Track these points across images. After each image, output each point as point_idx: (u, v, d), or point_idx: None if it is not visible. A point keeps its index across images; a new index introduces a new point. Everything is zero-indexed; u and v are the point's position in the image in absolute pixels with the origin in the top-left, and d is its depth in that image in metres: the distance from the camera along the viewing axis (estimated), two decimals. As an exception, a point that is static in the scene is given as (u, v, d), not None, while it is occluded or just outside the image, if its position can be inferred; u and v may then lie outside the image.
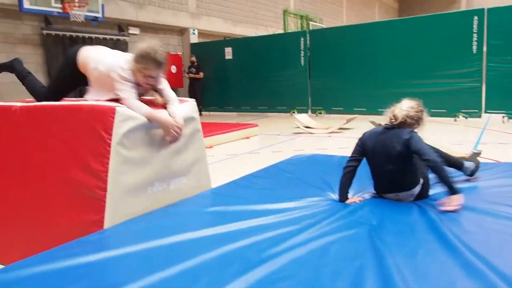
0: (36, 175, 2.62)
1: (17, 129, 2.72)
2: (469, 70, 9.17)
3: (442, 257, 1.82)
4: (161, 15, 11.97)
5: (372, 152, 2.76)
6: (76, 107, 2.51)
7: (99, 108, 2.42)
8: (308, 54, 11.61)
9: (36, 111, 2.68)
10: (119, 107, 2.42)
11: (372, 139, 2.79)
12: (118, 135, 2.39)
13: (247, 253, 1.94)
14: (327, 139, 7.52)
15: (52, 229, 2.51)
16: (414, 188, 2.71)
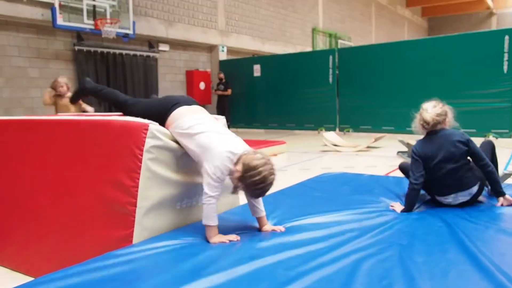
0: (67, 189, 2.67)
1: (50, 143, 2.79)
2: (499, 90, 9.00)
3: (474, 278, 1.79)
4: (190, 32, 12.19)
5: (433, 158, 2.91)
6: (109, 123, 2.56)
7: (131, 124, 2.47)
8: (337, 72, 11.60)
9: (69, 125, 2.75)
10: (151, 124, 2.47)
11: (428, 147, 2.95)
12: (150, 151, 2.43)
13: (276, 271, 1.94)
14: (354, 158, 7.46)
15: (82, 243, 2.55)
16: (472, 188, 2.91)
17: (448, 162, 2.89)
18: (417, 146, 3.01)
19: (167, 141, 2.55)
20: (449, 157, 2.89)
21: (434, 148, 2.93)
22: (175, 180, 2.63)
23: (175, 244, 2.29)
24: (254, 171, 2.28)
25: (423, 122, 2.99)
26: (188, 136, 2.50)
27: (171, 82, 12.22)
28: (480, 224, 2.57)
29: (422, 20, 31.26)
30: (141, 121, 2.47)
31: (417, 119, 3.05)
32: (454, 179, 2.91)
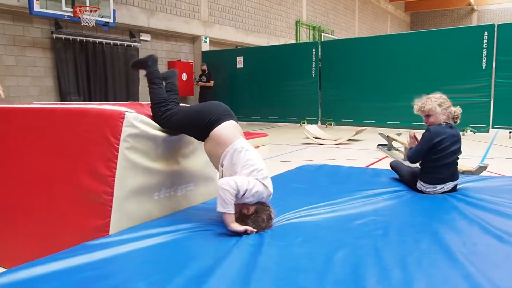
0: (43, 178, 2.63)
1: (25, 132, 2.73)
2: (478, 85, 9.14)
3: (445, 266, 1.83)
4: (172, 22, 12.06)
5: (450, 144, 3.13)
6: (85, 111, 2.52)
7: (107, 112, 2.43)
8: (319, 65, 11.62)
9: (44, 113, 2.70)
10: (128, 112, 2.43)
11: (449, 138, 3.15)
12: (126, 140, 2.41)
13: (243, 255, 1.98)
14: (336, 150, 7.50)
15: (59, 233, 2.52)
16: (456, 180, 3.21)
17: (456, 153, 3.17)
18: (438, 131, 3.16)
19: (145, 129, 2.52)
20: (456, 151, 3.18)
21: (451, 139, 3.15)
22: (154, 169, 2.61)
23: (152, 234, 2.28)
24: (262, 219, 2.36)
25: (455, 116, 3.26)
26: (246, 173, 2.38)
27: (153, 73, 12.09)
28: (456, 213, 2.62)
29: (405, 14, 31.50)
30: (118, 109, 2.43)
31: (442, 108, 3.20)
32: (449, 172, 3.16)
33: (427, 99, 3.27)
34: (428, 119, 3.25)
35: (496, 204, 2.76)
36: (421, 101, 3.30)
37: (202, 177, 3.10)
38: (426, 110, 3.24)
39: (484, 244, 2.11)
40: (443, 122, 3.21)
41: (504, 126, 9.01)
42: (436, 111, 3.20)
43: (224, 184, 2.26)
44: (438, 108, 3.19)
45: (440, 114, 3.20)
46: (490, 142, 8.07)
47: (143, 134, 2.51)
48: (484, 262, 1.89)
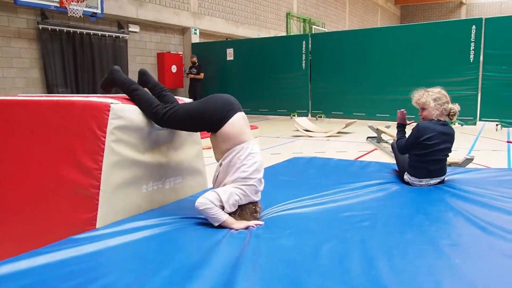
0: (29, 171, 2.60)
1: (10, 125, 2.69)
2: (466, 79, 9.21)
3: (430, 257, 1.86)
4: (161, 13, 11.96)
5: (440, 142, 3.12)
6: (70, 103, 2.48)
7: (93, 104, 2.40)
8: (310, 57, 11.62)
9: (30, 106, 2.65)
10: (113, 103, 2.41)
11: (438, 135, 3.13)
12: (113, 132, 2.38)
13: (230, 248, 1.99)
14: (326, 143, 7.53)
15: (45, 227, 2.50)
16: (444, 176, 3.24)
17: (445, 151, 3.17)
18: (427, 126, 3.14)
19: (131, 120, 2.49)
20: (445, 149, 3.18)
21: (442, 135, 3.14)
22: (141, 162, 2.59)
23: (140, 227, 2.27)
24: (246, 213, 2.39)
25: (451, 112, 3.21)
26: (241, 181, 2.35)
27: (142, 65, 12.00)
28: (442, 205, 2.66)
29: (395, 8, 31.56)
30: (103, 101, 2.41)
31: (436, 104, 3.16)
32: (438, 167, 3.18)
33: (424, 92, 3.24)
34: (423, 112, 3.25)
35: (481, 196, 2.80)
36: (418, 94, 3.28)
37: (190, 169, 3.09)
38: (420, 103, 3.23)
39: (468, 235, 2.13)
40: (435, 117, 3.18)
41: (491, 119, 9.10)
42: (430, 106, 3.17)
43: (200, 205, 2.26)
44: (432, 102, 3.16)
45: (433, 109, 3.17)
46: (477, 134, 8.15)
47: (129, 126, 2.48)
48: (468, 253, 1.91)
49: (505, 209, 2.50)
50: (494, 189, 2.98)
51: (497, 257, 1.86)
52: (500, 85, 8.91)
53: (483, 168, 4.15)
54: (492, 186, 3.08)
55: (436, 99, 3.17)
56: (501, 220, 2.33)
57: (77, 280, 1.70)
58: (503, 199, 2.72)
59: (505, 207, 2.54)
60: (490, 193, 2.88)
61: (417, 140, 3.14)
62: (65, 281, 1.69)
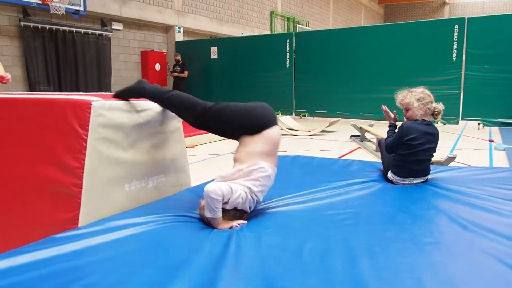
0: (11, 170, 2.57)
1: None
2: (448, 78, 9.34)
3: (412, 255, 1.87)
4: (145, 11, 11.88)
5: (423, 142, 3.12)
6: (50, 101, 2.46)
7: (74, 102, 2.37)
8: (294, 56, 11.65)
9: (11, 104, 2.62)
10: (95, 101, 2.38)
11: (421, 135, 3.12)
12: (95, 130, 2.36)
13: (214, 246, 2.00)
14: (309, 141, 7.56)
15: (27, 226, 2.47)
16: (427, 175, 3.24)
17: (429, 151, 3.16)
18: (410, 127, 3.15)
19: (113, 118, 2.47)
20: (432, 148, 3.18)
21: (425, 135, 3.14)
22: (124, 160, 2.57)
23: (123, 226, 2.25)
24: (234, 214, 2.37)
25: (435, 111, 3.20)
26: (249, 190, 2.36)
27: (125, 63, 11.92)
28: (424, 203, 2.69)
29: (378, 7, 31.81)
30: (84, 98, 2.38)
31: (420, 104, 3.17)
32: (421, 167, 3.18)
33: (408, 92, 3.26)
34: (407, 113, 3.26)
35: (463, 194, 2.83)
36: (402, 94, 3.29)
37: (174, 168, 3.07)
38: (404, 104, 3.24)
39: (450, 233, 2.16)
40: (419, 117, 3.20)
41: (473, 118, 9.24)
42: (414, 106, 3.18)
43: (212, 192, 2.21)
44: (416, 103, 3.17)
45: (417, 109, 3.18)
46: (459, 133, 8.27)
47: (112, 124, 2.46)
48: (450, 250, 1.94)
49: (486, 208, 2.53)
50: (476, 188, 3.02)
51: (478, 255, 1.89)
52: (482, 84, 9.06)
53: (465, 167, 4.21)
54: (474, 185, 3.13)
55: (419, 99, 3.18)
56: (482, 218, 2.36)
57: (58, 280, 1.68)
58: (484, 197, 2.76)
59: (486, 206, 2.57)
60: (472, 191, 2.92)
61: (401, 140, 3.16)
62: (46, 281, 1.67)
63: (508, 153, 5.66)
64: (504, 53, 8.80)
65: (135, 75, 12.17)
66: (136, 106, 2.67)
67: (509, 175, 3.47)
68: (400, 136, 3.17)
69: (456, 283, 1.62)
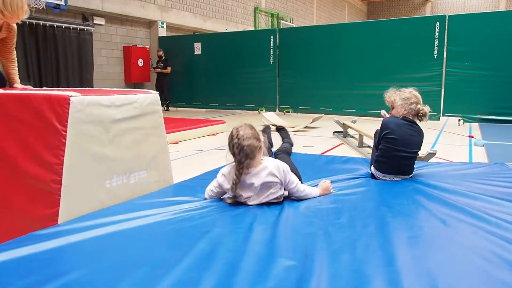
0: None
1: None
2: (430, 74, 9.43)
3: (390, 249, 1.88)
4: (128, 6, 11.75)
5: (401, 138, 3.13)
6: (28, 96, 2.42)
7: (52, 97, 2.34)
8: (278, 52, 11.65)
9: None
10: (73, 96, 2.35)
11: (399, 130, 3.15)
12: (74, 125, 2.33)
13: (192, 231, 2.05)
14: (293, 138, 7.52)
15: (5, 223, 2.44)
16: (409, 175, 3.26)
17: (408, 147, 3.15)
18: (388, 121, 3.21)
19: (92, 113, 2.44)
20: (410, 144, 3.16)
21: (404, 132, 3.15)
22: (104, 156, 2.55)
23: (104, 223, 2.23)
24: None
25: (420, 113, 3.23)
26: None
27: (107, 58, 11.78)
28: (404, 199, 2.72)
29: (362, 4, 32.01)
30: (62, 94, 2.34)
31: (404, 103, 3.23)
32: (401, 164, 3.19)
33: (396, 91, 3.34)
34: (392, 111, 3.34)
35: (443, 190, 2.87)
36: (390, 92, 3.38)
37: (155, 164, 3.05)
38: (390, 101, 3.35)
39: (429, 228, 2.19)
40: (401, 116, 3.24)
41: (454, 114, 9.36)
42: (397, 104, 3.26)
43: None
44: (400, 101, 3.24)
45: (400, 107, 3.24)
46: (440, 129, 8.38)
47: (91, 119, 2.44)
48: (429, 244, 1.96)
49: (465, 203, 2.57)
50: (455, 183, 3.07)
51: (456, 249, 1.92)
52: (463, 81, 9.17)
53: (445, 162, 4.27)
54: (453, 180, 3.17)
55: (404, 98, 3.24)
56: (460, 213, 2.39)
57: (36, 277, 1.66)
58: (464, 192, 2.80)
59: (465, 201, 2.61)
60: (451, 187, 2.96)
61: (381, 135, 3.21)
62: (23, 278, 1.65)
63: (487, 148, 5.75)
64: (484, 50, 8.92)
65: (117, 70, 12.04)
66: (115, 101, 2.64)
67: (488, 170, 3.53)
68: (381, 130, 3.22)
69: (435, 276, 1.65)
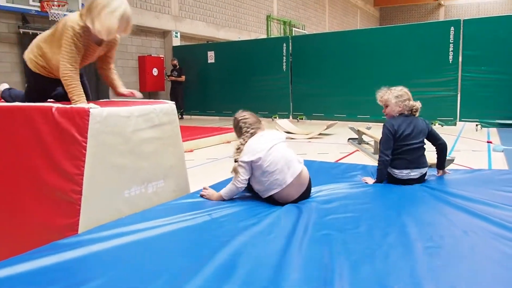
0: (8, 178, 2.56)
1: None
2: (445, 79, 9.35)
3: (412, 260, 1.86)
4: (143, 16, 11.88)
5: (406, 132, 3.27)
6: (49, 109, 2.46)
7: (73, 110, 2.38)
8: (290, 59, 11.66)
9: (8, 112, 2.62)
10: (93, 108, 2.39)
11: (403, 124, 3.29)
12: (94, 137, 2.36)
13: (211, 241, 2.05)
14: (307, 145, 7.56)
15: (26, 233, 2.47)
16: (424, 168, 3.33)
17: (417, 137, 3.28)
18: (392, 122, 3.31)
19: (111, 124, 2.47)
20: (418, 134, 3.30)
21: (409, 125, 3.29)
22: (123, 167, 2.57)
23: (123, 233, 2.25)
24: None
25: (413, 108, 3.36)
26: None
27: (123, 68, 11.91)
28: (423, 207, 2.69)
29: (374, 9, 31.92)
30: (82, 106, 2.38)
31: (398, 100, 3.36)
32: (415, 156, 3.28)
33: (387, 90, 3.49)
34: (385, 109, 3.48)
35: (462, 198, 2.83)
36: (382, 92, 3.53)
37: (172, 173, 3.07)
38: (383, 100, 3.48)
39: (450, 237, 2.15)
40: (396, 114, 3.39)
41: (471, 119, 9.24)
42: (391, 102, 3.39)
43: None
44: (394, 99, 3.38)
45: (394, 106, 3.38)
46: (458, 135, 8.28)
47: (110, 130, 2.47)
48: (450, 255, 1.93)
49: (486, 211, 2.53)
50: (475, 191, 3.02)
51: (479, 259, 1.89)
52: (479, 85, 9.05)
53: (464, 169, 4.22)
54: (473, 187, 3.13)
55: (397, 96, 3.39)
56: (482, 222, 2.36)
57: (58, 286, 1.68)
58: (484, 201, 2.75)
59: (486, 209, 2.57)
60: (471, 194, 2.91)
61: (392, 135, 3.28)
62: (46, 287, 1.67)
63: (506, 154, 5.67)
64: (500, 54, 8.82)
65: (132, 80, 12.16)
66: (133, 112, 2.68)
67: (509, 177, 3.47)
68: (389, 132, 3.29)
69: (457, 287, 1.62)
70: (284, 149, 2.85)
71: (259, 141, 2.81)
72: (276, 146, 2.81)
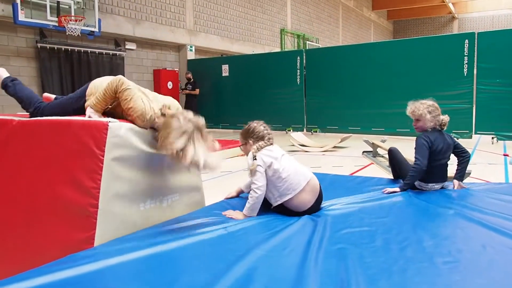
0: (25, 191, 2.59)
1: (7, 143, 2.69)
2: (460, 92, 9.28)
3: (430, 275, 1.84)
4: (158, 31, 12.05)
5: (441, 150, 3.41)
6: (67, 122, 2.50)
7: (92, 123, 2.41)
8: (304, 72, 11.69)
9: (26, 126, 2.66)
10: (111, 122, 2.42)
11: (438, 140, 3.43)
12: (111, 151, 2.39)
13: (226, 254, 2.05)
14: (321, 158, 7.54)
15: (42, 246, 2.49)
16: (445, 182, 3.55)
17: (446, 153, 3.45)
18: (428, 136, 3.43)
19: (128, 139, 2.50)
20: (448, 150, 3.47)
21: (442, 141, 3.43)
22: (139, 180, 2.59)
23: (140, 246, 2.26)
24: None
25: (442, 122, 3.51)
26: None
27: (138, 82, 12.06)
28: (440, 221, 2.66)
29: (387, 22, 31.91)
30: (101, 120, 2.42)
31: (432, 116, 3.45)
32: (443, 171, 3.47)
33: (420, 104, 3.52)
34: (417, 123, 3.54)
35: (480, 212, 2.80)
36: (414, 105, 3.55)
37: (187, 186, 3.09)
38: (416, 115, 3.52)
39: (468, 251, 2.13)
40: (429, 128, 3.47)
41: (487, 132, 9.15)
42: (426, 118, 3.46)
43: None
44: (428, 115, 3.46)
45: (428, 121, 3.47)
46: (473, 148, 8.18)
47: (127, 144, 2.49)
48: (469, 269, 1.91)
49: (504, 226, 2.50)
50: (493, 204, 2.99)
51: (497, 274, 1.86)
52: (495, 98, 8.98)
53: (481, 183, 4.17)
54: (491, 201, 3.09)
55: (431, 111, 3.47)
56: (500, 236, 2.33)
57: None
58: (502, 215, 2.72)
59: (504, 223, 2.54)
60: (489, 208, 2.88)
61: (427, 147, 3.38)
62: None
63: (523, 167, 5.59)
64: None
65: (147, 93, 12.28)
66: None
67: (526, 191, 3.42)
68: (426, 145, 3.37)
69: (476, 303, 1.60)
70: (292, 159, 3.04)
71: (271, 149, 3.00)
72: (285, 155, 3.01)
